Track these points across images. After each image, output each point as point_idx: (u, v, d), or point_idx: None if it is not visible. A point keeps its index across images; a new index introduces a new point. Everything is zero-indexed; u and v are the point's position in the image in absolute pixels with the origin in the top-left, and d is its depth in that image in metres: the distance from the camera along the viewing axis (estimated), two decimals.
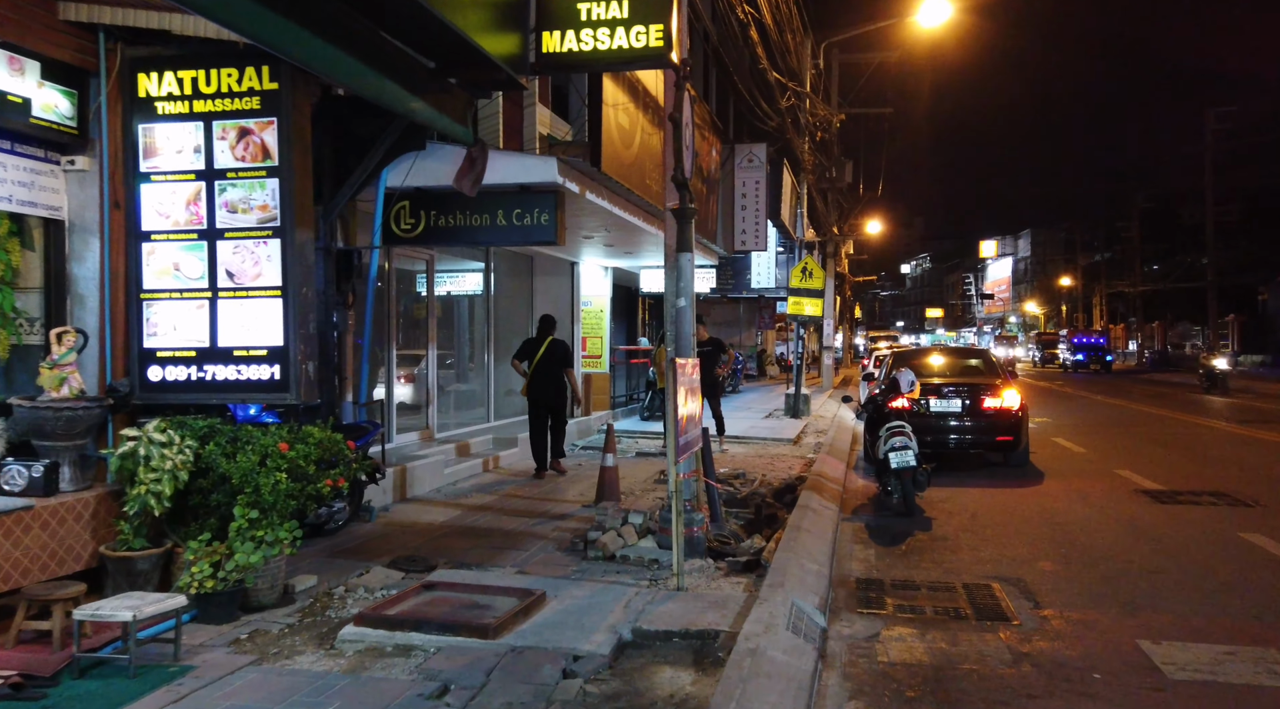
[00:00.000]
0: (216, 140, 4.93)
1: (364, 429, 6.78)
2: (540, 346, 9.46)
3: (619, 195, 8.63)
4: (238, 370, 4.95)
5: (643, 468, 10.49)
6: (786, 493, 9.38)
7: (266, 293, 4.91)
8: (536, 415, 9.53)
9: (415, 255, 10.31)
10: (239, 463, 4.80)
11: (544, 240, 7.16)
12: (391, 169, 7.24)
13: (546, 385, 9.42)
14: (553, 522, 7.40)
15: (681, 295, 6.50)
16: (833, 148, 20.49)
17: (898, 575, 6.15)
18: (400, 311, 10.38)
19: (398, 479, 8.19)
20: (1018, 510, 8.38)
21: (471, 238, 7.25)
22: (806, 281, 16.28)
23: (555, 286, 13.78)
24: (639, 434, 13.83)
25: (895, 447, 8.20)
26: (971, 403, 10.76)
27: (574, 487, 9.16)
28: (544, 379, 9.40)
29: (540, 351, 9.43)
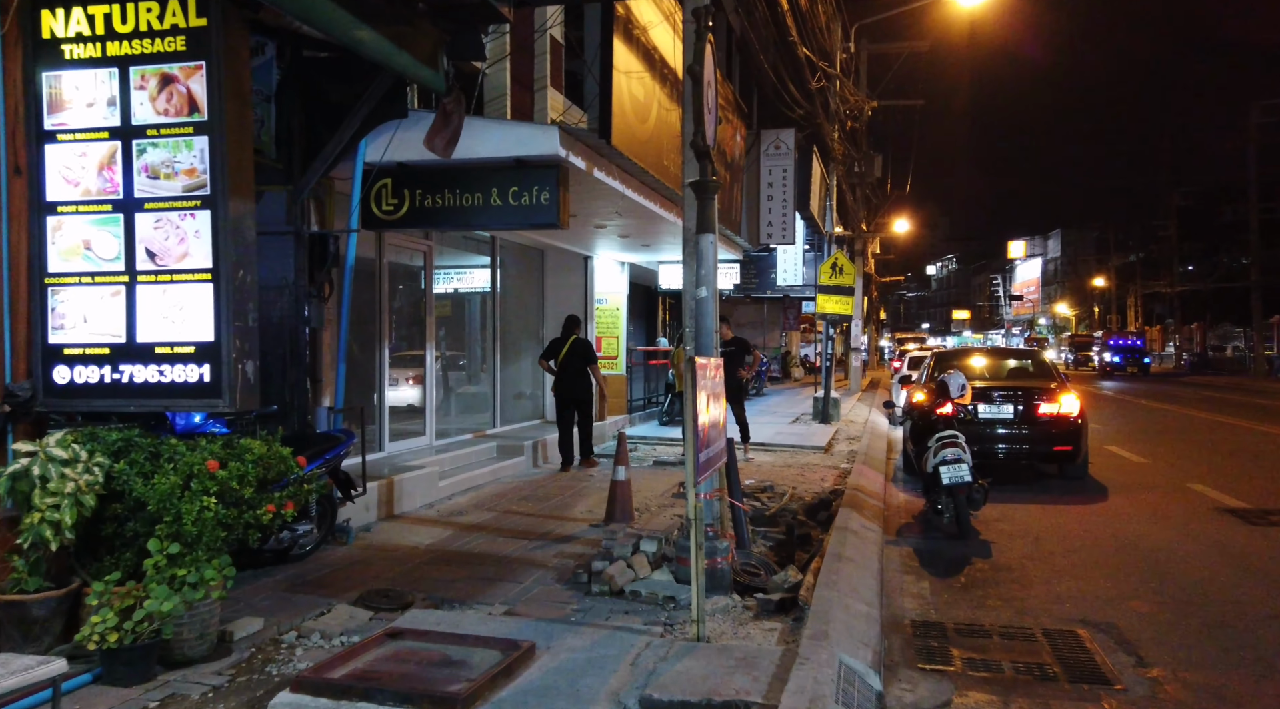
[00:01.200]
0: (134, 90, 4.04)
1: (335, 440, 5.88)
2: (564, 345, 9.83)
3: (632, 175, 7.69)
4: (159, 371, 4.06)
5: (660, 480, 9.52)
6: (820, 509, 8.38)
7: (194, 276, 4.01)
8: (563, 412, 9.96)
9: (411, 246, 9.43)
10: (156, 485, 3.90)
11: (545, 222, 6.24)
12: (370, 141, 6.35)
13: (572, 383, 9.81)
14: (554, 545, 6.46)
15: (702, 284, 5.54)
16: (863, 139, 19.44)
17: (961, 617, 5.14)
18: (395, 309, 9.50)
19: (383, 494, 7.29)
20: (1088, 533, 7.32)
21: (462, 220, 6.37)
22: (836, 278, 15.25)
23: (567, 283, 12.87)
24: (656, 441, 12.87)
25: (947, 459, 7.18)
26: (1025, 409, 9.70)
27: (581, 501, 8.22)
28: (569, 377, 9.80)
29: (564, 350, 9.81)
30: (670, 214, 9.22)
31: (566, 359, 9.77)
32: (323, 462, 5.60)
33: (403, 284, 9.88)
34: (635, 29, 7.40)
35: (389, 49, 4.30)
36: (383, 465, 8.29)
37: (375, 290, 8.77)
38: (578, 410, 9.97)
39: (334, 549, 6.20)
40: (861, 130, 19.45)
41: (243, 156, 4.08)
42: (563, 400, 9.88)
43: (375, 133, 6.27)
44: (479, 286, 11.98)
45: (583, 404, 9.96)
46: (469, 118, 6.28)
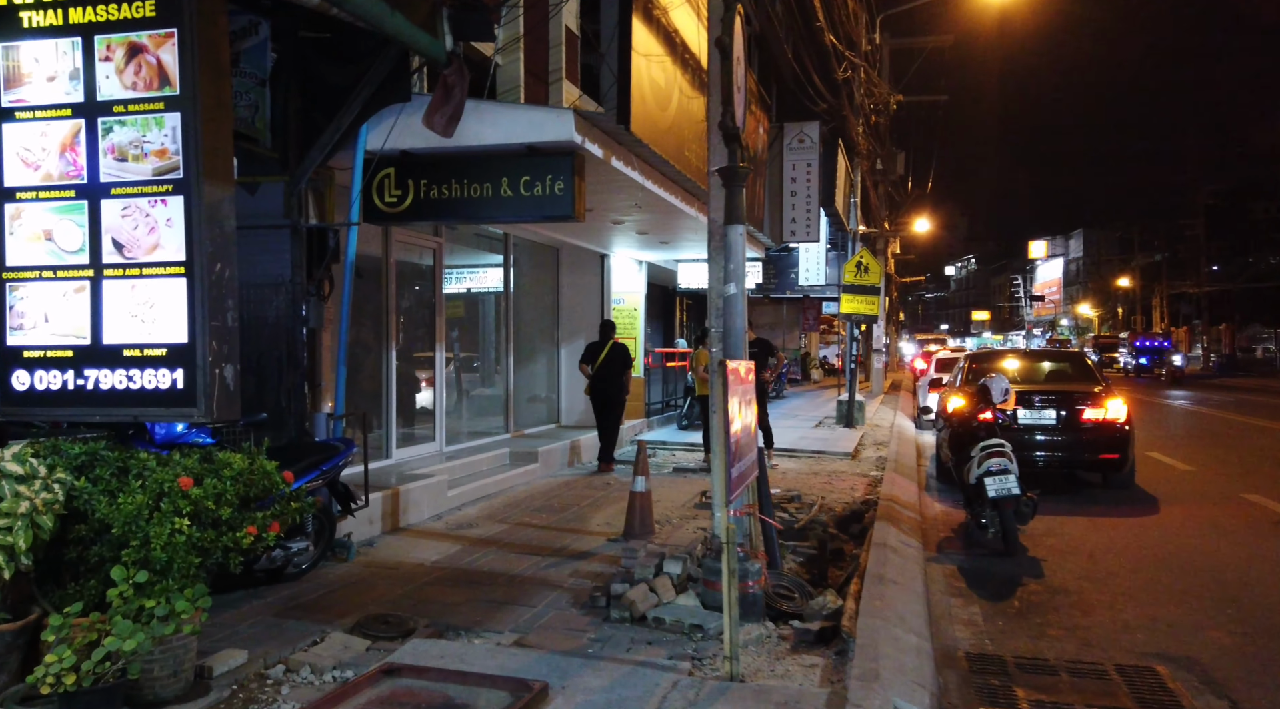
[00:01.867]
0: (99, 62, 3.61)
1: (333, 449, 5.44)
2: (602, 350, 10.07)
3: (652, 165, 7.22)
4: (128, 377, 3.62)
5: (681, 488, 9.04)
6: (852, 521, 7.88)
7: (165, 270, 3.58)
8: (601, 415, 10.17)
9: (420, 243, 9.01)
10: (121, 505, 3.46)
11: (558, 214, 5.78)
12: (372, 128, 5.91)
13: (608, 386, 10.04)
14: (570, 562, 5.99)
15: (731, 280, 5.06)
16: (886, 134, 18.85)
17: (1021, 649, 4.62)
18: (403, 309, 9.07)
19: (388, 505, 6.85)
20: (1146, 550, 6.77)
21: (470, 212, 5.92)
22: (862, 277, 14.71)
23: (583, 282, 12.41)
24: (676, 446, 12.39)
25: (992, 470, 6.66)
26: (1068, 414, 9.14)
27: (598, 512, 7.75)
28: (605, 381, 10.03)
29: (602, 355, 10.04)
30: (691, 208, 8.74)
31: (604, 365, 10.03)
32: (318, 473, 5.16)
33: (411, 283, 9.46)
34: (655, 9, 6.95)
35: (380, 9, 3.86)
36: (389, 474, 7.85)
37: (382, 290, 8.35)
38: (610, 412, 10.17)
39: (333, 567, 5.76)
40: (886, 125, 18.87)
41: (220, 136, 3.65)
42: (599, 403, 10.09)
43: (377, 118, 5.83)
44: (492, 286, 11.55)
45: (616, 405, 10.16)
46: (477, 102, 5.84)
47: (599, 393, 10.07)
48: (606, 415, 10.14)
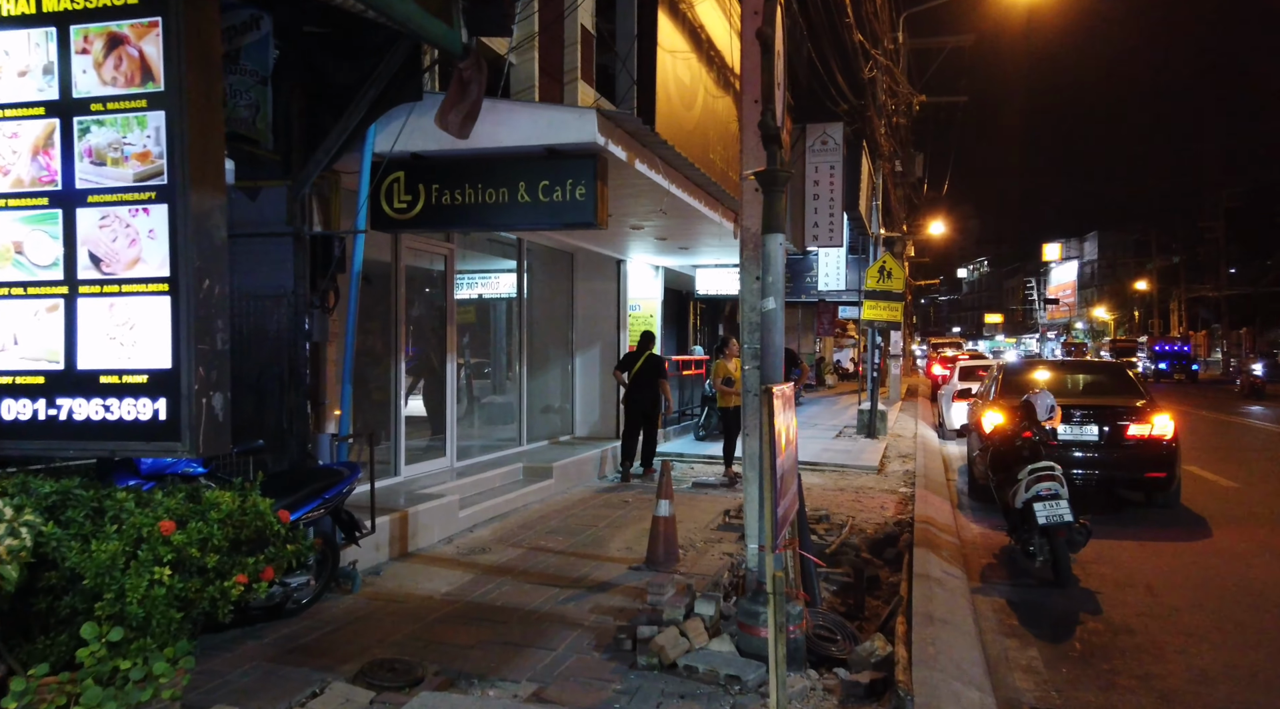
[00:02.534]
0: (75, 54, 3.23)
1: (337, 475, 5.04)
2: (638, 360, 10.18)
3: (677, 168, 6.81)
4: (104, 406, 3.24)
5: (702, 507, 8.62)
6: (886, 545, 7.44)
7: (148, 288, 3.19)
8: (631, 422, 10.25)
9: (431, 250, 8.62)
10: (94, 554, 3.06)
11: (580, 222, 5.38)
12: (380, 129, 5.52)
13: (642, 396, 10.13)
14: (590, 595, 5.57)
15: (769, 294, 4.64)
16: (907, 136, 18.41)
17: (1092, 703, 4.18)
18: (413, 317, 8.69)
19: (396, 529, 6.46)
20: (1208, 580, 6.31)
21: (485, 220, 5.53)
22: (885, 283, 14.26)
23: (599, 289, 12.01)
24: (694, 458, 11.98)
25: (1042, 494, 6.22)
26: (1111, 430, 8.68)
27: (618, 535, 7.33)
28: (640, 390, 10.14)
29: (638, 364, 10.15)
30: (715, 214, 8.32)
31: (640, 374, 10.11)
32: (320, 502, 4.76)
33: (421, 290, 9.08)
34: (681, 2, 6.54)
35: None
36: (398, 493, 7.46)
37: (391, 297, 7.97)
38: (645, 424, 10.27)
39: (336, 599, 5.36)
40: (907, 126, 18.42)
41: (209, 138, 3.26)
42: (632, 412, 10.20)
43: (386, 119, 5.44)
44: (505, 292, 11.16)
45: (650, 420, 10.29)
46: (493, 101, 5.44)
47: (634, 402, 10.13)
48: (644, 424, 10.21)
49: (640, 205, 7.54)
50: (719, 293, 13.77)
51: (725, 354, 10.41)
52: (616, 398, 11.94)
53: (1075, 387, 9.99)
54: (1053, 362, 11.41)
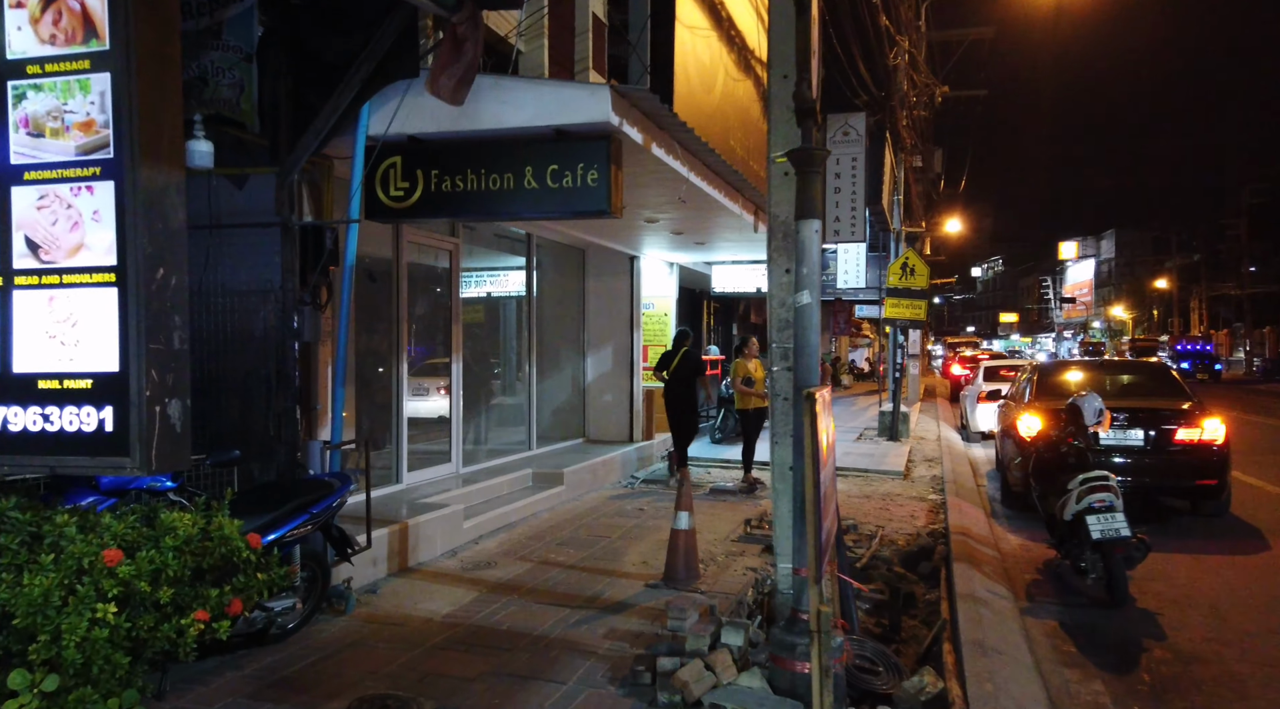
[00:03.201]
0: (9, 9, 2.80)
1: (326, 487, 4.60)
2: (675, 358, 9.97)
3: (695, 155, 6.34)
4: (43, 415, 2.80)
5: (721, 516, 8.14)
6: (920, 558, 6.95)
7: (92, 278, 2.75)
8: (674, 421, 10.02)
9: (434, 245, 8.18)
10: (24, 589, 2.62)
11: (591, 210, 4.92)
12: (374, 109, 5.07)
13: (680, 393, 9.90)
14: (603, 617, 5.11)
15: (804, 288, 4.16)
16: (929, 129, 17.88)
17: None
18: (415, 315, 8.25)
19: (395, 542, 6.01)
20: (1277, 599, 5.78)
21: (489, 208, 5.08)
22: (908, 280, 13.74)
23: (611, 287, 11.55)
24: (710, 463, 11.50)
25: (1095, 506, 5.71)
26: (1158, 435, 8.15)
27: (633, 547, 6.87)
28: (679, 388, 9.91)
29: (674, 362, 9.94)
30: (735, 205, 7.84)
31: (677, 371, 9.92)
32: (307, 518, 4.32)
33: (425, 288, 8.64)
34: None
35: None
36: (399, 502, 7.03)
37: (393, 295, 7.54)
38: (675, 425, 10.06)
39: (328, 621, 4.92)
40: (929, 119, 17.90)
41: (164, 104, 2.81)
42: (672, 410, 10.02)
43: (380, 98, 5.00)
44: (513, 290, 10.72)
45: (682, 419, 10.03)
46: (498, 77, 4.98)
47: (673, 399, 9.99)
48: (681, 420, 9.97)
49: (656, 195, 7.07)
50: (736, 291, 13.28)
51: (745, 353, 9.93)
52: (630, 400, 11.49)
53: (1115, 388, 9.44)
54: (1089, 361, 10.87)
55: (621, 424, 11.48)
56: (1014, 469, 8.86)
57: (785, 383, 4.83)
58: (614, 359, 11.55)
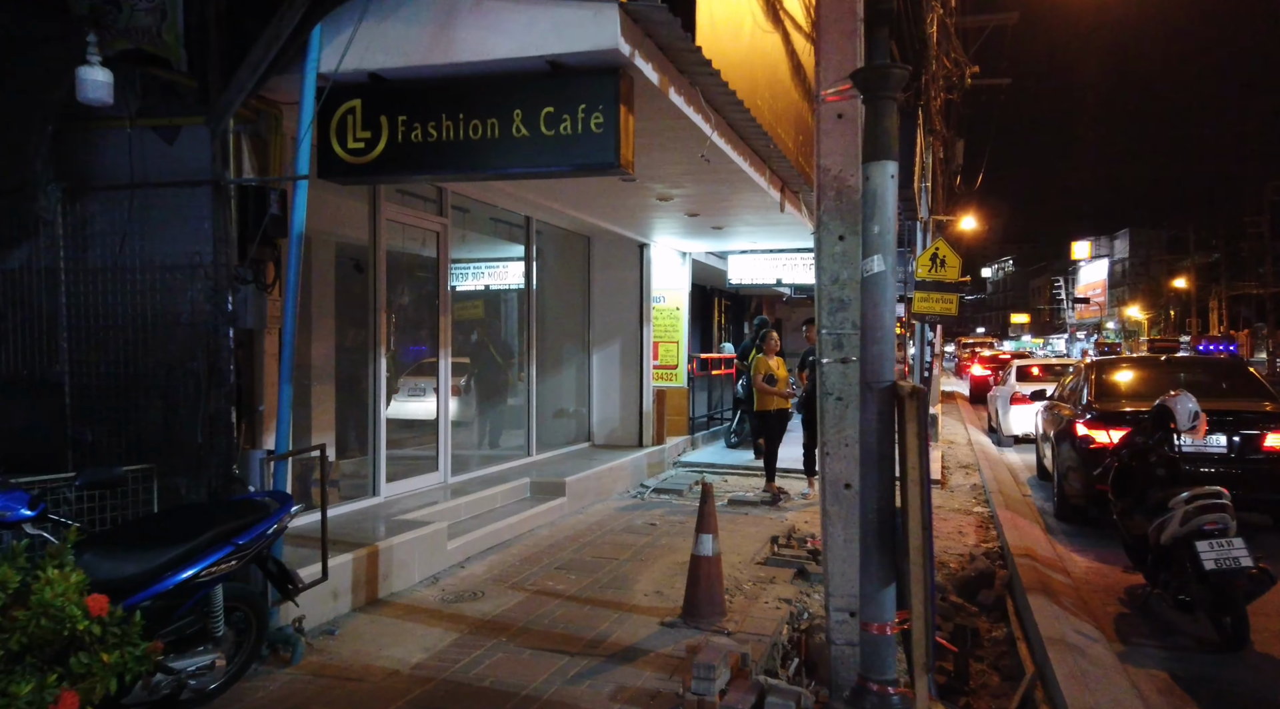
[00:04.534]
0: None
1: (260, 510, 3.63)
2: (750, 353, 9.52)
3: (719, 110, 5.36)
4: None
5: (743, 531, 7.15)
6: (980, 585, 5.97)
7: None
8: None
9: (418, 224, 7.22)
10: None
11: (596, 163, 3.95)
12: (327, 39, 4.11)
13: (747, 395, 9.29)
14: (611, 668, 4.13)
15: (877, 251, 3.19)
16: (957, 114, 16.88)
17: None
18: (396, 306, 7.31)
19: (364, 569, 5.05)
20: None
21: (469, 161, 4.10)
22: (938, 272, 12.71)
23: (619, 278, 10.58)
24: (726, 469, 10.52)
25: (1206, 530, 4.72)
26: (1243, 441, 7.15)
27: (645, 571, 5.89)
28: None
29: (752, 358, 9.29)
30: (761, 178, 6.87)
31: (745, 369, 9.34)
32: (231, 551, 3.35)
33: (408, 276, 7.70)
34: None
35: None
36: (375, 518, 6.08)
37: (370, 283, 6.59)
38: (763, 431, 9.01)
39: (267, 676, 3.96)
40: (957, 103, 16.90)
41: None
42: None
43: (333, 23, 4.04)
44: (511, 282, 9.78)
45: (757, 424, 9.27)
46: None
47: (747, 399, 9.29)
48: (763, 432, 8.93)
49: (672, 160, 6.10)
50: (754, 282, 12.28)
51: (765, 348, 8.94)
52: (639, 401, 10.52)
53: (1193, 389, 8.40)
54: (1150, 358, 9.84)
55: (630, 428, 10.51)
56: (1072, 479, 7.86)
57: (840, 378, 3.85)
58: (622, 357, 10.58)
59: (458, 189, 7.44)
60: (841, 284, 3.87)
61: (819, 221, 3.92)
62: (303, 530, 5.17)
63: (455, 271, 9.94)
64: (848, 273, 3.87)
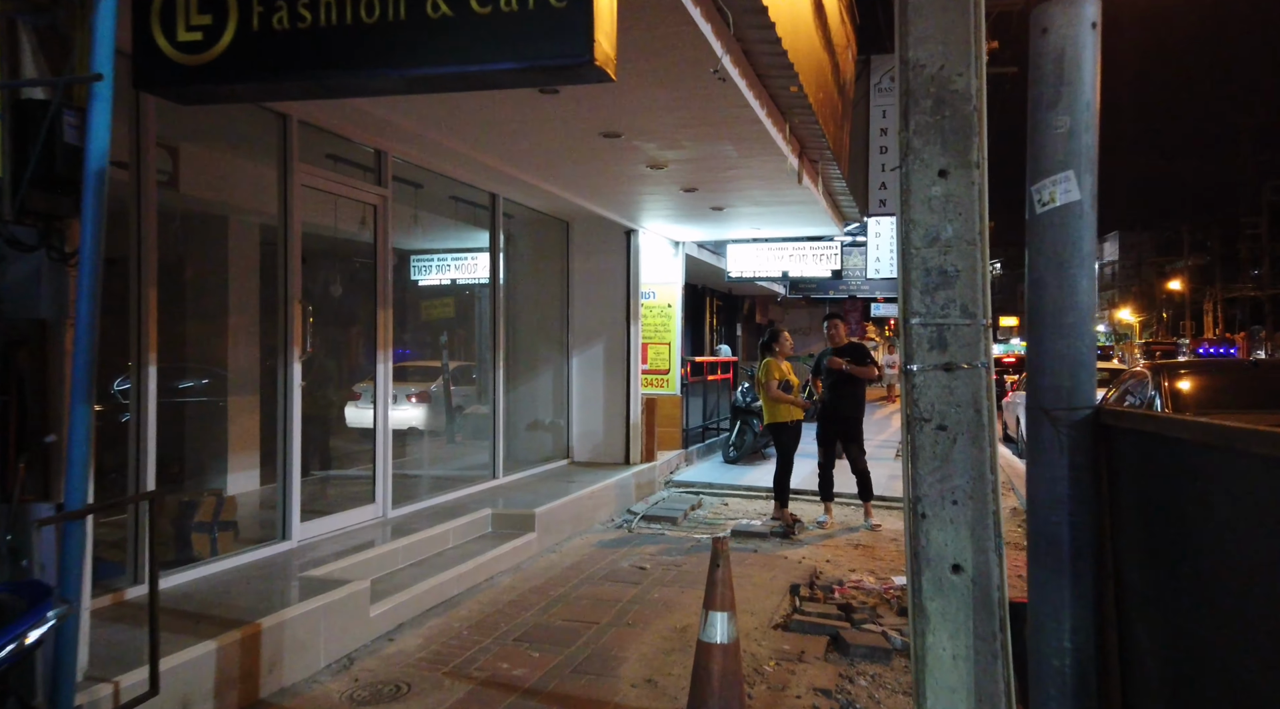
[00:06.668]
0: None
1: None
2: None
3: (732, 22, 3.95)
4: None
5: (754, 576, 5.72)
6: None
7: None
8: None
9: (349, 192, 5.78)
10: None
11: (557, 59, 2.53)
12: None
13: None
14: None
15: (1069, 166, 1.75)
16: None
17: None
18: (316, 297, 5.86)
19: (236, 661, 3.58)
20: None
21: (360, 58, 2.67)
22: None
23: (602, 268, 9.16)
24: (725, 490, 9.10)
25: None
26: None
27: (634, 645, 4.45)
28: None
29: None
30: (778, 134, 5.46)
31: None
32: None
33: (332, 261, 6.26)
34: None
35: None
36: (275, 574, 4.62)
37: (280, 265, 5.13)
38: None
39: None
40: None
41: None
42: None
43: None
44: (475, 274, 8.35)
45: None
46: None
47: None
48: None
49: (667, 103, 4.68)
50: (757, 275, 10.89)
51: (777, 351, 7.52)
52: (626, 411, 9.10)
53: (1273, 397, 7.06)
54: (1225, 362, 8.49)
55: (616, 442, 9.08)
56: None
57: (942, 395, 2.45)
58: (606, 360, 9.16)
59: (402, 152, 6.01)
60: (943, 246, 2.45)
61: (905, 149, 2.50)
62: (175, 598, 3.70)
63: (412, 261, 8.50)
64: (953, 228, 2.45)
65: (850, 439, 7.55)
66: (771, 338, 7.60)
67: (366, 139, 5.70)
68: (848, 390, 7.49)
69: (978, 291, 2.44)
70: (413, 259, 8.87)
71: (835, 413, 7.52)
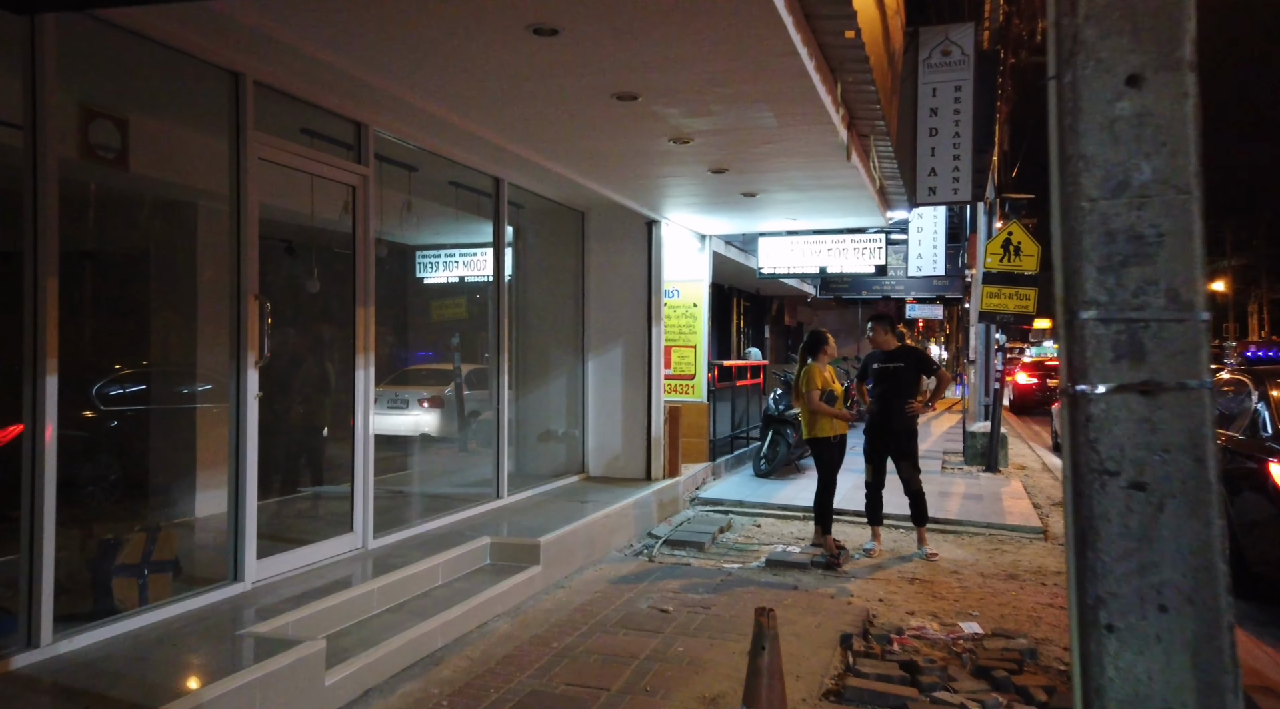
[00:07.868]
0: None
1: None
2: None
3: None
4: None
5: (797, 620, 4.79)
6: None
7: None
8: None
9: (320, 170, 4.96)
10: None
11: None
12: None
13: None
14: None
15: None
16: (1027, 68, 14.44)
17: None
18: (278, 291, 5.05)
19: None
20: None
21: None
22: (1012, 262, 10.38)
23: (621, 264, 8.30)
24: (758, 509, 8.20)
25: None
26: None
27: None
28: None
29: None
30: (827, 96, 4.55)
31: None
32: None
33: (303, 249, 5.46)
34: None
35: None
36: (215, 629, 3.79)
37: (232, 256, 4.32)
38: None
39: None
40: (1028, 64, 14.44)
41: None
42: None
43: None
44: (479, 270, 7.54)
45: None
46: None
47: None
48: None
49: (693, 54, 3.79)
50: (791, 271, 9.98)
51: (820, 355, 6.61)
52: (647, 421, 8.22)
53: None
54: None
55: (636, 456, 8.22)
56: (1266, 543, 5.50)
57: (1138, 435, 1.53)
58: (625, 365, 8.29)
59: (385, 124, 5.18)
60: (1137, 195, 1.57)
61: (1070, 44, 1.61)
62: (76, 667, 2.88)
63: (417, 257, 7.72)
64: (1152, 166, 1.57)
65: (903, 456, 6.62)
66: (815, 341, 6.66)
67: (342, 108, 4.89)
68: (899, 402, 6.56)
69: (1193, 267, 1.54)
70: (418, 255, 8.10)
71: (885, 426, 6.60)
